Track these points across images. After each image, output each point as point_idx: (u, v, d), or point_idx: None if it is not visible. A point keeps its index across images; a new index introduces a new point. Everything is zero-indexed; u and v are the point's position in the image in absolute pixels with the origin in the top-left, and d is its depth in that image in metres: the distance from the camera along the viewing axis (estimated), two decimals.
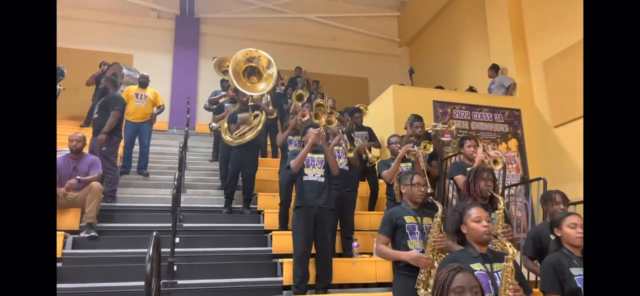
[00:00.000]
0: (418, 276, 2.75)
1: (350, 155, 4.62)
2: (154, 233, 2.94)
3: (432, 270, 2.72)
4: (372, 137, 5.94)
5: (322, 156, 4.01)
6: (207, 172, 6.90)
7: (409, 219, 2.90)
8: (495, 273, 2.24)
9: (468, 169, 3.78)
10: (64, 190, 4.50)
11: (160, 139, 8.35)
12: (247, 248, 4.58)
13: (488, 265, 2.26)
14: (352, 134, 5.68)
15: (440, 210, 2.87)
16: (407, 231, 2.87)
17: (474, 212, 2.37)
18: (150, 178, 6.35)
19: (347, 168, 4.61)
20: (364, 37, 12.63)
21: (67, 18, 10.34)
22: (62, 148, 5.51)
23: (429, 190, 3.34)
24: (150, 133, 6.69)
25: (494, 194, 3.07)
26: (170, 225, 4.29)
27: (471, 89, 8.22)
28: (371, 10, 12.64)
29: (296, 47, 11.76)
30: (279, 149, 7.38)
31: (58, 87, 6.33)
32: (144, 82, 6.92)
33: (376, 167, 5.66)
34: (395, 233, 2.89)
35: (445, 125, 5.67)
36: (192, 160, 7.25)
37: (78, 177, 4.64)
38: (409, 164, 4.42)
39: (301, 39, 12.02)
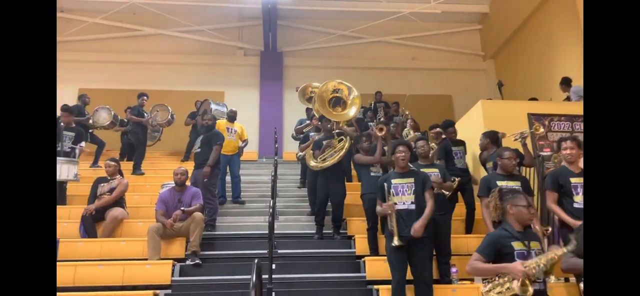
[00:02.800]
0: (498, 281, 2.58)
1: (447, 193, 4.50)
2: (255, 261, 3.07)
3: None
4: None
5: (411, 180, 3.90)
6: (296, 199, 7.09)
7: (517, 246, 2.70)
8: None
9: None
10: (171, 221, 4.87)
11: (250, 169, 8.78)
12: (341, 274, 4.59)
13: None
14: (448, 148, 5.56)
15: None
16: (517, 260, 2.66)
17: None
18: (243, 206, 6.68)
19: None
20: (445, 53, 12.32)
21: (167, 63, 11.46)
22: (167, 182, 6.03)
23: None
24: (239, 164, 7.07)
25: None
26: (266, 251, 4.45)
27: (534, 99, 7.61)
28: (451, 26, 12.33)
29: (376, 71, 11.82)
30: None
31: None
32: (233, 117, 7.36)
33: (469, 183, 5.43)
34: (500, 261, 2.70)
35: (533, 131, 5.25)
36: (281, 187, 7.49)
37: (182, 208, 5.01)
38: (517, 182, 4.09)
39: (381, 62, 12.06)
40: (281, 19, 11.77)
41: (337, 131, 5.78)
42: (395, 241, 3.61)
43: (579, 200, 3.70)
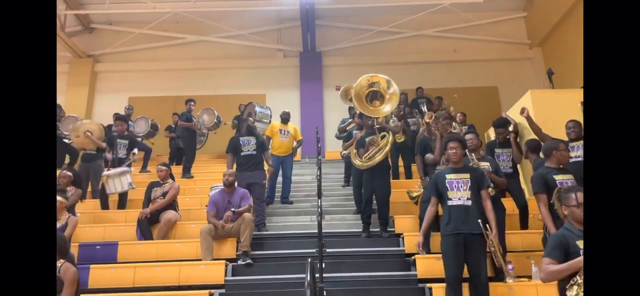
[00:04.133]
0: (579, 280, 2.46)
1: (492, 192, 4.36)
2: (309, 261, 3.10)
3: None
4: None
5: (467, 176, 3.80)
6: (341, 198, 7.09)
7: (581, 244, 2.57)
8: None
9: None
10: (222, 222, 5.01)
11: (294, 169, 8.83)
12: (392, 273, 4.55)
13: None
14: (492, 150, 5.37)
15: None
16: None
17: None
18: (289, 206, 6.76)
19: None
20: (488, 44, 11.94)
21: (210, 68, 11.78)
22: (216, 184, 6.20)
23: None
24: (292, 165, 7.18)
25: None
26: (314, 250, 4.49)
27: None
28: (494, 15, 11.93)
29: (417, 65, 11.62)
30: (411, 171, 7.32)
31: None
32: (286, 118, 7.45)
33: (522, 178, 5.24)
34: (568, 260, 2.58)
35: None
36: (326, 186, 7.52)
37: (233, 210, 5.13)
38: (570, 176, 3.92)
39: (421, 56, 11.84)
40: (319, 19, 11.80)
41: (378, 127, 5.72)
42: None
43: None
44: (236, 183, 5.51)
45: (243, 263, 4.74)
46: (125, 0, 10.67)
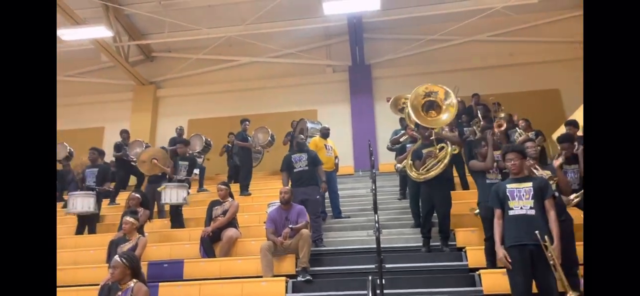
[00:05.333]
0: None
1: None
2: (369, 278, 3.08)
3: None
4: None
5: (529, 185, 3.63)
6: (398, 211, 6.99)
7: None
8: None
9: None
10: (281, 239, 5.09)
11: (348, 183, 8.87)
12: (455, 289, 4.40)
13: None
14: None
15: None
16: None
17: None
18: (345, 221, 6.75)
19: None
20: (546, 45, 11.38)
21: (263, 88, 12.13)
22: (273, 201, 6.32)
23: None
24: (336, 179, 7.19)
25: None
26: (373, 266, 4.44)
27: None
28: (550, 15, 11.38)
29: (470, 72, 11.29)
30: (467, 181, 7.08)
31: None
32: (327, 134, 7.51)
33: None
34: None
35: None
36: (381, 200, 7.43)
37: (291, 226, 5.21)
38: None
39: (475, 63, 11.50)
40: (367, 32, 11.82)
41: (435, 138, 5.59)
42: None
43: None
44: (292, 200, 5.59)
45: (303, 279, 4.78)
46: (182, 28, 11.26)
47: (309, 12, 11.07)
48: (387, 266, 4.88)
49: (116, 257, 3.75)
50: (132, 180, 9.36)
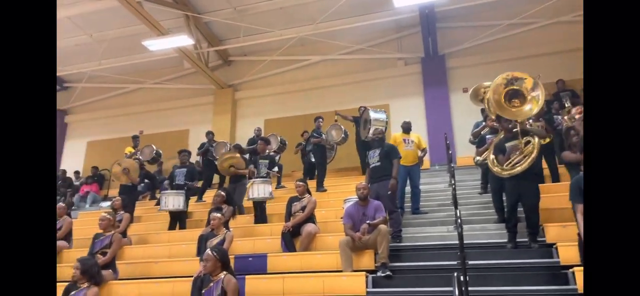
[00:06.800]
0: None
1: None
2: (455, 275, 3.01)
3: None
4: None
5: None
6: (479, 206, 6.72)
7: None
8: None
9: None
10: (359, 234, 5.13)
11: (424, 178, 8.64)
12: (546, 287, 4.15)
13: None
14: None
15: None
16: None
17: None
18: (423, 216, 6.63)
19: None
20: None
21: (335, 85, 12.25)
22: (349, 197, 6.37)
23: None
24: (419, 174, 7.06)
25: None
26: (454, 262, 4.32)
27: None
28: None
29: (555, 56, 10.51)
30: (558, 174, 6.62)
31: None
32: (407, 128, 7.39)
33: None
34: None
35: None
36: (461, 194, 7.19)
37: (369, 222, 5.22)
38: None
39: (560, 45, 10.64)
40: (440, 22, 11.45)
41: (520, 130, 5.26)
42: None
43: None
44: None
45: (383, 275, 4.77)
46: (256, 31, 11.69)
47: (378, 6, 10.97)
48: (470, 262, 4.74)
49: (208, 251, 4.03)
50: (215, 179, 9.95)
